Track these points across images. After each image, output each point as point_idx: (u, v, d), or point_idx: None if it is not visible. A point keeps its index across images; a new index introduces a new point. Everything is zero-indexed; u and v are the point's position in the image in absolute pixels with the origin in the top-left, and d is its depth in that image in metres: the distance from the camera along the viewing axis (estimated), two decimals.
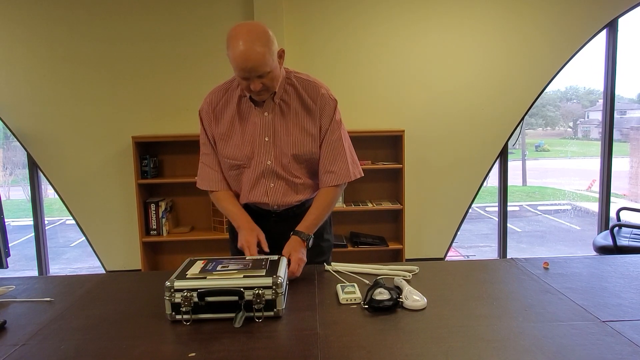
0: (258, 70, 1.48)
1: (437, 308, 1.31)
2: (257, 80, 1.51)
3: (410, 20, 3.79)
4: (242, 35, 1.46)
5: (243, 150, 1.68)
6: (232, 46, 1.47)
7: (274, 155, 1.67)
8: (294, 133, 1.66)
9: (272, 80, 1.55)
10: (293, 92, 1.67)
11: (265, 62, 1.48)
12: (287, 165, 1.68)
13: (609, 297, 1.37)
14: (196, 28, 3.75)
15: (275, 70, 1.54)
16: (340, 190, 1.76)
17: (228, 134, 1.70)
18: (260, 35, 1.47)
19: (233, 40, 1.47)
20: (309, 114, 1.67)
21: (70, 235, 7.74)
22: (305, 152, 1.68)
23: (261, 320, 1.24)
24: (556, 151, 12.48)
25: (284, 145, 1.67)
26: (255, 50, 1.45)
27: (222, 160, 1.75)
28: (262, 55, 1.46)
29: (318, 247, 1.79)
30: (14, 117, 3.77)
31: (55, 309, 1.38)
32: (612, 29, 3.89)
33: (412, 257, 3.92)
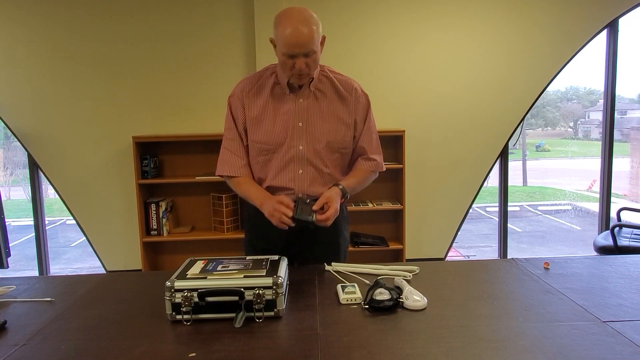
0: (307, 47, 1.53)
1: (438, 308, 1.31)
2: (302, 59, 1.55)
3: (410, 20, 3.79)
4: (295, 15, 1.54)
5: (274, 134, 1.69)
6: (283, 24, 1.53)
7: (306, 140, 1.69)
8: (329, 120, 1.70)
9: (314, 62, 1.60)
10: (328, 82, 1.73)
11: (314, 40, 1.54)
12: (319, 152, 1.70)
13: (609, 298, 1.37)
14: (196, 28, 3.75)
15: (318, 54, 1.60)
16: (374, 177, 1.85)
17: (260, 118, 1.70)
18: (311, 16, 1.56)
19: (284, 18, 1.54)
20: (344, 103, 1.72)
21: (71, 235, 7.74)
22: (339, 140, 1.72)
23: (261, 320, 1.24)
24: (557, 151, 12.48)
25: (317, 131, 1.69)
26: (306, 28, 1.52)
27: (252, 145, 1.73)
28: (313, 34, 1.53)
29: (336, 244, 1.81)
30: (14, 117, 3.77)
31: (55, 309, 1.38)
32: (612, 29, 3.89)
33: (412, 257, 3.92)
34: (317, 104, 1.70)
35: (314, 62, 1.59)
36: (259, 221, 1.79)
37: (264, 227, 1.77)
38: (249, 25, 3.73)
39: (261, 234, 1.81)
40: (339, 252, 1.82)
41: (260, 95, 1.71)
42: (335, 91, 1.72)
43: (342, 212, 1.84)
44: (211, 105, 3.81)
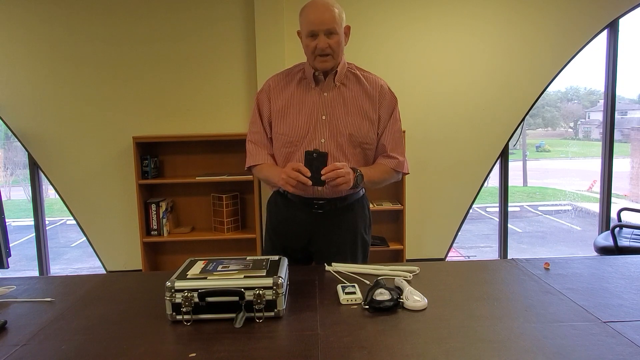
0: (329, 24, 1.59)
1: (438, 308, 1.31)
2: (324, 38, 1.60)
3: (410, 20, 3.78)
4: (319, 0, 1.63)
5: (298, 126, 1.70)
6: (308, 6, 1.63)
7: (329, 133, 1.70)
8: (353, 114, 1.71)
9: (337, 45, 1.64)
10: (354, 78, 1.76)
11: (337, 21, 1.62)
12: (341, 145, 1.70)
13: (610, 298, 1.37)
14: (197, 28, 3.75)
15: (341, 37, 1.66)
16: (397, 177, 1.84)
17: (285, 110, 1.73)
18: (334, 2, 1.65)
19: (309, 4, 1.64)
20: (369, 99, 1.74)
21: (71, 236, 7.74)
22: (362, 135, 1.72)
23: (262, 321, 1.24)
24: (557, 151, 12.47)
25: (340, 124, 1.70)
26: (331, 8, 1.62)
27: (276, 137, 1.76)
28: (333, 14, 1.61)
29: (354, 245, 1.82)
30: (15, 117, 3.77)
31: (56, 309, 1.38)
32: (612, 30, 3.89)
33: (412, 257, 3.92)
34: (341, 97, 1.72)
35: (337, 44, 1.64)
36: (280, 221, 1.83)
37: (286, 227, 1.79)
38: (250, 25, 3.73)
39: (281, 233, 1.83)
40: (356, 253, 1.82)
41: (287, 89, 1.75)
42: (361, 86, 1.75)
43: (364, 214, 1.85)
44: (212, 106, 3.81)
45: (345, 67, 1.75)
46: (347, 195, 1.77)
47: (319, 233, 1.75)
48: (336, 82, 1.72)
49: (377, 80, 1.79)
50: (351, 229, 1.80)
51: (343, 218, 1.77)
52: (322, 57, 1.64)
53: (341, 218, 1.76)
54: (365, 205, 1.87)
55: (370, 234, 1.91)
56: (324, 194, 1.73)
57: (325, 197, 1.74)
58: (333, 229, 1.76)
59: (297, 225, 1.78)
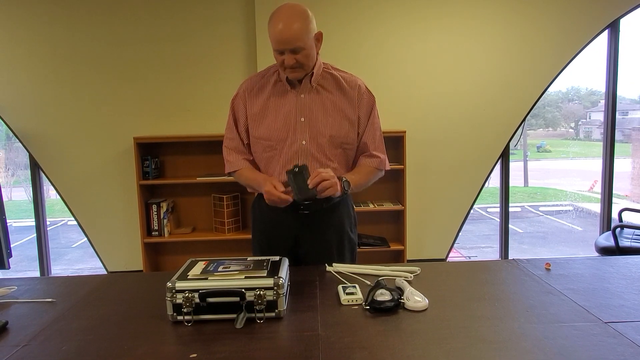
0: (292, 44, 1.54)
1: (439, 309, 1.31)
2: (290, 55, 1.56)
3: (411, 20, 3.78)
4: (283, 11, 1.55)
5: (276, 129, 1.69)
6: (273, 20, 1.55)
7: (309, 135, 1.68)
8: (332, 114, 1.70)
9: (306, 58, 1.59)
10: (331, 79, 1.74)
11: (300, 37, 1.54)
12: (323, 146, 1.69)
13: (611, 298, 1.37)
14: (198, 29, 3.75)
15: (310, 50, 1.59)
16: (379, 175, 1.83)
17: (262, 114, 1.71)
18: (300, 13, 1.56)
19: (274, 15, 1.56)
20: (347, 99, 1.72)
21: (72, 236, 7.75)
22: (342, 135, 1.71)
23: (262, 321, 1.24)
24: (558, 152, 12.46)
25: (320, 125, 1.69)
26: (293, 24, 1.53)
27: (256, 142, 1.74)
28: (298, 30, 1.54)
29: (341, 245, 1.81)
30: (15, 118, 3.77)
31: (57, 310, 1.38)
32: (613, 30, 3.89)
33: (413, 257, 3.92)
34: (319, 99, 1.70)
35: (305, 58, 1.59)
36: (266, 224, 1.83)
37: (270, 230, 1.80)
38: (250, 26, 3.73)
39: (268, 237, 1.83)
40: (343, 252, 1.81)
41: (263, 93, 1.72)
42: (338, 87, 1.73)
43: (349, 213, 1.85)
44: (212, 106, 3.82)
45: (321, 67, 1.72)
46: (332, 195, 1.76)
47: (305, 234, 1.74)
48: (313, 83, 1.69)
49: (355, 79, 1.76)
50: (337, 229, 1.79)
51: (329, 218, 1.76)
52: (290, 70, 1.61)
53: (327, 218, 1.75)
54: (350, 205, 1.86)
55: (357, 232, 1.90)
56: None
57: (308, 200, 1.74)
58: (319, 230, 1.75)
59: (283, 228, 1.77)
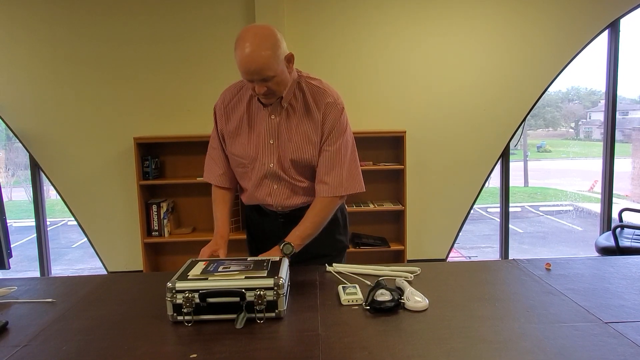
0: (261, 74, 1.46)
1: (439, 309, 1.31)
2: (261, 84, 1.50)
3: (411, 21, 3.79)
4: (249, 38, 1.45)
5: (248, 150, 1.68)
6: (238, 48, 1.46)
7: (276, 158, 1.67)
8: (295, 139, 1.65)
9: (277, 85, 1.53)
10: (301, 97, 1.65)
11: (269, 66, 1.46)
12: (288, 169, 1.68)
13: (611, 299, 1.37)
14: (198, 29, 3.75)
15: (281, 75, 1.51)
16: (338, 202, 1.70)
17: (236, 132, 1.70)
18: (267, 38, 1.46)
19: (239, 42, 1.46)
20: (312, 121, 1.64)
21: (72, 237, 7.75)
22: (305, 159, 1.66)
23: (263, 321, 1.24)
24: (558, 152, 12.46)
25: (286, 150, 1.66)
26: (260, 53, 1.44)
27: (230, 156, 1.75)
28: (265, 59, 1.44)
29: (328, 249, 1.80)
30: (15, 118, 3.78)
31: (57, 310, 1.38)
32: (613, 30, 3.89)
33: (413, 258, 3.92)
34: (287, 122, 1.65)
35: (276, 85, 1.52)
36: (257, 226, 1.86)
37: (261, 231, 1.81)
38: None
39: (259, 237, 1.84)
40: (332, 256, 1.80)
41: (238, 108, 1.70)
42: (306, 107, 1.65)
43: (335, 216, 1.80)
44: (212, 106, 3.80)
45: (294, 85, 1.63)
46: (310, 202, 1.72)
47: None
48: (283, 104, 1.64)
49: (325, 96, 1.64)
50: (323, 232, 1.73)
51: None
52: (263, 96, 1.56)
53: None
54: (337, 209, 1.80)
55: (347, 233, 1.88)
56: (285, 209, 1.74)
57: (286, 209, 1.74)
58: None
59: (270, 232, 1.78)
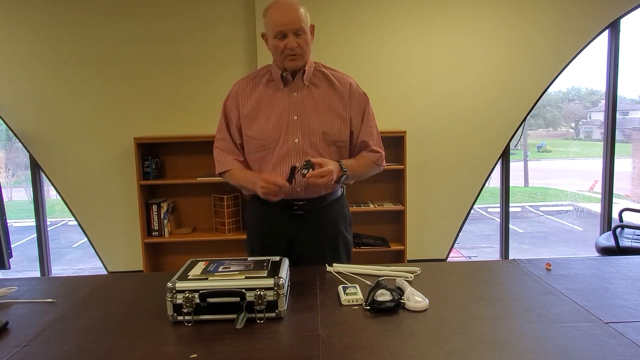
0: (296, 24, 1.59)
1: (439, 309, 1.31)
2: (293, 38, 1.60)
3: (411, 21, 3.78)
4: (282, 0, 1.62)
5: (269, 128, 1.70)
6: (272, 9, 1.61)
7: (302, 133, 1.69)
8: (324, 112, 1.71)
9: (306, 44, 1.64)
10: (322, 77, 1.75)
11: (302, 19, 1.60)
12: (315, 144, 1.70)
13: (611, 299, 1.36)
14: (198, 29, 3.75)
15: (309, 37, 1.64)
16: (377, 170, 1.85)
17: (254, 114, 1.72)
18: (298, 1, 1.63)
19: (272, 5, 1.62)
20: (339, 97, 1.73)
21: (73, 237, 7.75)
22: (335, 132, 1.72)
23: (263, 322, 1.24)
24: (558, 152, 12.47)
25: (312, 123, 1.69)
26: (295, 7, 1.60)
27: (249, 141, 1.75)
28: (299, 14, 1.60)
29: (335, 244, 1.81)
30: (16, 118, 3.78)
31: (57, 310, 1.38)
32: (614, 30, 3.89)
33: (413, 258, 3.92)
34: (311, 97, 1.71)
35: (305, 43, 1.63)
36: (261, 224, 1.83)
37: (266, 232, 1.80)
38: (250, 26, 3.73)
39: (262, 236, 1.82)
40: (339, 252, 1.81)
41: (254, 93, 1.73)
42: (330, 85, 1.74)
43: (344, 213, 1.85)
44: (213, 106, 3.80)
45: (312, 66, 1.74)
46: (326, 194, 1.76)
47: (299, 235, 1.74)
48: (305, 81, 1.71)
49: (346, 78, 1.77)
50: (332, 229, 1.79)
51: (323, 218, 1.76)
52: (291, 57, 1.63)
53: (320, 218, 1.75)
54: (344, 205, 1.87)
55: (352, 232, 1.90)
56: (302, 195, 1.72)
57: (304, 198, 1.73)
58: (314, 230, 1.75)
59: (277, 228, 1.77)
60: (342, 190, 1.88)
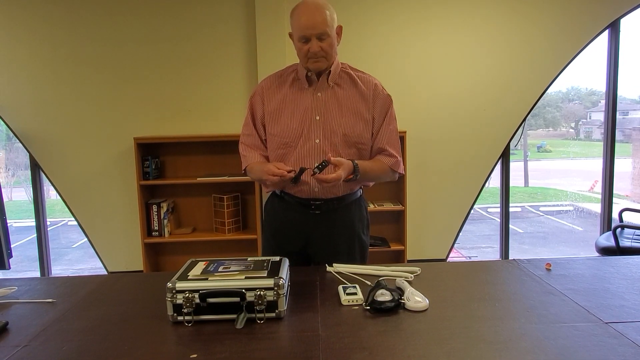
0: (319, 28, 1.58)
1: (439, 309, 1.31)
2: (316, 42, 1.60)
3: (411, 21, 3.78)
4: (309, 2, 1.62)
5: (292, 127, 1.70)
6: (298, 10, 1.61)
7: (323, 134, 1.70)
8: (347, 114, 1.71)
9: (330, 47, 1.64)
10: (347, 78, 1.75)
11: (327, 23, 1.60)
12: (336, 145, 1.70)
13: (611, 299, 1.36)
14: (198, 29, 3.75)
15: (333, 39, 1.64)
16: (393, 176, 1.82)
17: (279, 112, 1.73)
18: (324, 4, 1.63)
19: (299, 6, 1.62)
20: (363, 99, 1.73)
21: (73, 237, 7.75)
22: (356, 134, 1.71)
23: (263, 322, 1.24)
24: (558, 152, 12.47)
25: (334, 124, 1.70)
26: (320, 10, 1.60)
27: (271, 138, 1.76)
28: (325, 16, 1.60)
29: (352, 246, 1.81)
30: (16, 118, 3.78)
31: (57, 310, 1.38)
32: (614, 30, 3.89)
33: (413, 258, 3.92)
34: (335, 98, 1.72)
35: (329, 47, 1.63)
36: (277, 223, 1.83)
37: (283, 230, 1.80)
38: (251, 26, 3.73)
39: (279, 236, 1.83)
40: (354, 253, 1.82)
41: (280, 90, 1.75)
42: (355, 86, 1.74)
43: (362, 215, 1.85)
44: (213, 107, 3.82)
45: (338, 67, 1.75)
46: (344, 195, 1.76)
47: (316, 234, 1.75)
48: (330, 82, 1.71)
49: (371, 79, 1.78)
50: (348, 230, 1.80)
51: (340, 219, 1.77)
52: (314, 60, 1.64)
53: (338, 219, 1.76)
54: (363, 206, 1.86)
55: (369, 235, 1.90)
56: (319, 195, 1.73)
57: (321, 198, 1.74)
58: (330, 230, 1.75)
59: (294, 228, 1.78)
60: (361, 191, 1.87)
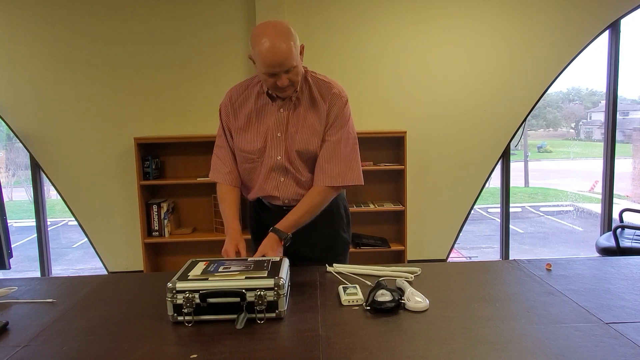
0: (285, 65, 1.51)
1: (439, 310, 1.31)
2: (284, 76, 1.54)
3: (412, 21, 3.79)
4: (268, 32, 1.50)
5: (256, 144, 1.71)
6: (259, 43, 1.51)
7: (283, 150, 1.70)
8: (303, 130, 1.69)
9: (297, 75, 1.58)
10: (307, 90, 1.70)
11: (292, 56, 1.52)
12: (294, 161, 1.71)
13: (612, 299, 1.36)
14: (198, 29, 3.75)
15: (299, 65, 1.58)
16: (333, 193, 1.73)
17: (244, 128, 1.72)
18: (285, 31, 1.52)
19: (259, 37, 1.51)
20: (318, 112, 1.69)
21: (73, 237, 7.76)
22: (310, 151, 1.70)
23: (263, 322, 1.24)
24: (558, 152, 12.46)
25: (292, 141, 1.69)
26: (282, 45, 1.49)
27: (238, 153, 1.76)
28: (288, 50, 1.50)
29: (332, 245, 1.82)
30: (16, 118, 3.78)
31: (57, 310, 1.38)
32: (614, 30, 3.89)
33: (414, 258, 3.92)
34: (295, 114, 1.69)
35: (296, 75, 1.58)
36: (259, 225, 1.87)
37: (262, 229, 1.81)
38: (251, 27, 3.73)
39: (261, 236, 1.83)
40: (335, 253, 1.83)
41: (246, 105, 1.73)
42: (312, 99, 1.69)
43: (340, 213, 1.85)
44: (212, 107, 3.77)
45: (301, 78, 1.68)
46: None
47: (296, 235, 1.74)
48: (292, 97, 1.67)
49: (330, 87, 1.70)
50: (328, 229, 1.81)
51: (318, 219, 1.76)
52: (282, 90, 1.59)
53: (316, 219, 1.75)
54: (341, 205, 1.87)
55: (350, 232, 1.91)
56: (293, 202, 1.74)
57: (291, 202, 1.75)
58: (310, 231, 1.75)
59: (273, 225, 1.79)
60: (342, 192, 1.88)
